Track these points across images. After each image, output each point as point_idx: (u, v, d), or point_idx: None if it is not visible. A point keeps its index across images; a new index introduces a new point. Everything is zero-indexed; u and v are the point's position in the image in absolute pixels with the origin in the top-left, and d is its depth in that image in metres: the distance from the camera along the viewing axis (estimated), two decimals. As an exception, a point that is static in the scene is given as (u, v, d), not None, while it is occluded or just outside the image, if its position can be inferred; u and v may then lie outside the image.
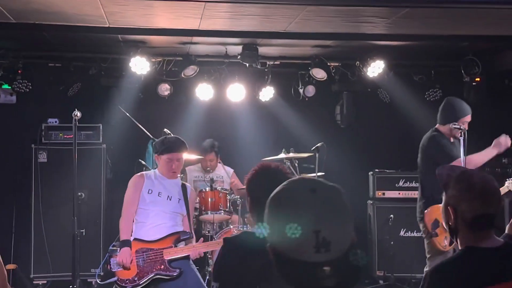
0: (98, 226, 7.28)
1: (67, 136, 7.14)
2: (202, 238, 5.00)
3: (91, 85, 7.60)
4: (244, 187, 7.58)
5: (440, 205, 2.58)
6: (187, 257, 4.77)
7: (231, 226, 6.89)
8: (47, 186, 7.18)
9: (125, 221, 4.87)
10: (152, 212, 4.85)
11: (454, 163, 5.57)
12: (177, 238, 4.81)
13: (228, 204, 7.10)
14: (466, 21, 6.06)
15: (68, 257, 5.62)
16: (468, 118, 5.65)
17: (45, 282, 7.13)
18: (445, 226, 2.56)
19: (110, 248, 4.85)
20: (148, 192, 4.88)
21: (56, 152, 7.22)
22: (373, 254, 7.58)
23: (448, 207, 2.46)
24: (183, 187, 5.07)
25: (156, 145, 5.10)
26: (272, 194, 1.55)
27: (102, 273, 6.63)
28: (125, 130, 7.48)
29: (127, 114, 7.14)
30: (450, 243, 5.36)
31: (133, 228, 4.90)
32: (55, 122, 7.35)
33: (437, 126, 5.89)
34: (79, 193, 7.02)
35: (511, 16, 5.79)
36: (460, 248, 2.48)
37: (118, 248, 4.75)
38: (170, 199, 4.93)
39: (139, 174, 5.10)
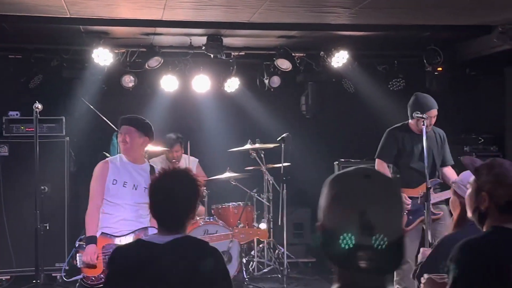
0: (62, 220, 7.18)
1: (29, 129, 7.02)
2: None
3: (53, 77, 7.48)
4: (207, 178, 7.55)
5: None
6: None
7: (197, 218, 6.88)
8: (9, 180, 7.05)
9: (91, 214, 4.74)
10: (117, 205, 4.75)
11: (377, 163, 5.80)
12: (144, 234, 4.73)
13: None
14: (427, 11, 6.13)
15: (32, 251, 5.53)
16: (432, 112, 5.66)
17: (8, 277, 7.03)
18: (470, 214, 2.68)
19: (77, 242, 4.74)
20: (112, 183, 4.74)
21: (17, 146, 7.09)
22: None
23: (482, 192, 2.58)
24: (152, 171, 4.89)
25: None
26: (331, 176, 1.61)
27: (67, 268, 6.51)
28: (89, 122, 7.40)
29: (91, 106, 7.05)
30: None
31: (100, 217, 4.81)
32: (16, 115, 7.22)
33: (408, 121, 5.91)
34: (42, 187, 6.92)
35: (471, 6, 5.88)
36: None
37: (85, 244, 4.66)
38: (135, 189, 4.78)
39: (103, 161, 4.93)
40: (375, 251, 1.47)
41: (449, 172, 5.72)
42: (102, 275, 4.59)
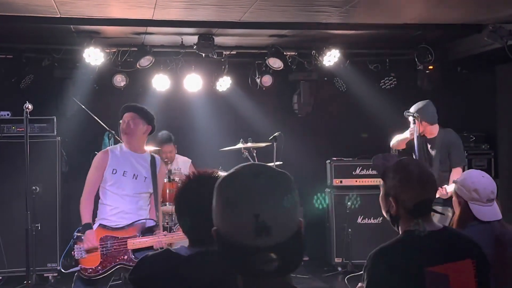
0: (54, 220, 7.16)
1: (20, 129, 6.96)
2: (165, 232, 4.91)
3: (44, 77, 7.47)
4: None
5: None
6: (151, 247, 4.69)
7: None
8: (0, 180, 7.02)
9: (85, 202, 4.68)
10: (116, 195, 4.69)
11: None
12: (142, 226, 4.71)
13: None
14: (418, 9, 6.15)
15: (23, 252, 5.52)
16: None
17: (0, 278, 7.00)
18: (385, 215, 2.63)
19: (75, 234, 4.71)
20: (112, 172, 4.69)
21: (9, 146, 7.05)
22: (331, 242, 7.66)
23: (390, 197, 2.54)
24: (152, 160, 4.83)
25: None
26: (220, 178, 1.55)
27: (65, 261, 6.43)
28: (80, 122, 7.36)
29: (82, 106, 7.02)
30: None
31: (99, 208, 4.76)
32: (7, 115, 7.18)
33: None
34: (34, 187, 6.91)
35: (462, 4, 5.91)
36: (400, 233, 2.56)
37: (83, 235, 4.64)
38: (136, 178, 4.72)
39: (103, 150, 4.87)
40: (274, 252, 1.43)
41: (454, 174, 5.72)
42: (99, 267, 4.59)
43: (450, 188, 5.24)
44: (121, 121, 4.86)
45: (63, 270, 4.73)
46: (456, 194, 3.32)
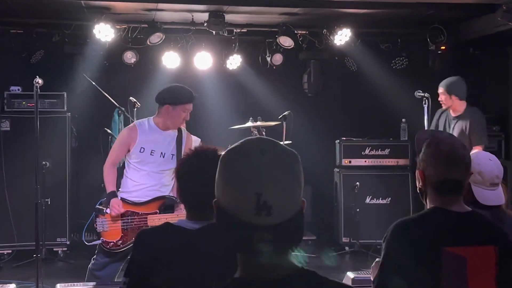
0: (64, 195, 7.21)
1: (30, 104, 7.01)
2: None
3: (54, 52, 7.46)
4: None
5: None
6: None
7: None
8: (10, 155, 7.07)
9: (108, 171, 4.74)
10: (142, 171, 4.73)
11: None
12: (162, 203, 4.72)
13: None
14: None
15: (33, 226, 5.56)
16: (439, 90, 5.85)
17: (10, 251, 7.07)
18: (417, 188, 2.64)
19: (97, 207, 4.73)
20: (140, 151, 4.70)
21: (19, 121, 7.10)
22: (339, 221, 7.67)
23: (417, 170, 2.55)
24: (179, 135, 4.81)
25: (173, 95, 4.79)
26: (225, 151, 1.53)
27: (87, 233, 6.45)
28: (90, 98, 7.37)
29: (92, 82, 7.03)
30: None
31: (123, 180, 4.80)
32: (18, 90, 7.21)
33: None
34: (44, 162, 6.95)
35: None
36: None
37: (105, 208, 4.67)
38: (163, 156, 4.73)
39: (130, 126, 4.87)
40: (274, 231, 1.41)
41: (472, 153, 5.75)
42: (120, 242, 4.64)
43: None
44: (179, 108, 4.75)
45: (86, 243, 4.79)
46: None
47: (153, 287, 2.36)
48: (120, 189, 4.81)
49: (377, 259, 2.75)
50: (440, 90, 5.99)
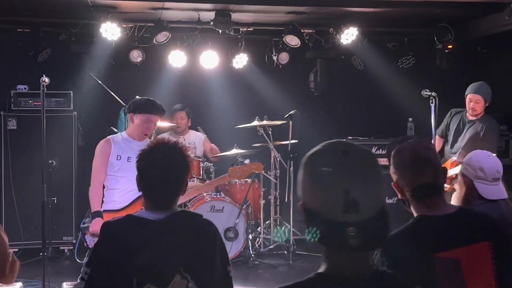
0: (70, 194, 7.22)
1: (37, 103, 7.02)
2: None
3: (61, 51, 7.47)
4: (218, 155, 7.52)
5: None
6: None
7: (204, 194, 6.90)
8: (17, 153, 7.08)
9: (94, 191, 4.78)
10: (122, 179, 4.76)
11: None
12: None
13: (201, 172, 7.11)
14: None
15: (39, 224, 5.57)
16: (468, 97, 6.02)
17: (16, 250, 7.07)
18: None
19: (82, 226, 4.77)
20: (117, 159, 4.78)
21: (26, 119, 7.11)
22: (346, 221, 7.65)
23: (392, 183, 2.51)
24: None
25: (135, 104, 4.87)
26: (307, 154, 1.59)
27: (79, 255, 6.49)
28: (97, 97, 7.38)
29: (99, 81, 7.04)
30: None
31: (105, 195, 4.84)
32: (25, 88, 7.22)
33: None
34: (50, 161, 6.96)
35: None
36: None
37: (89, 224, 4.69)
38: None
39: (105, 139, 4.93)
40: (361, 227, 1.47)
41: None
42: None
43: (453, 171, 5.26)
44: (139, 117, 4.81)
45: (79, 261, 4.77)
46: (462, 174, 3.32)
47: (116, 277, 2.39)
48: (103, 203, 4.80)
49: None
50: (477, 97, 6.00)
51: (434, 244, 2.33)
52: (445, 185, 6.00)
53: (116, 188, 4.77)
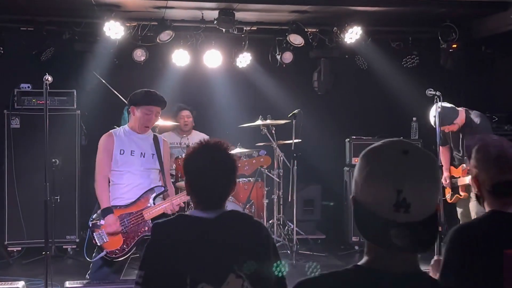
0: (73, 192, 7.22)
1: (40, 102, 7.02)
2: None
3: (64, 50, 7.47)
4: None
5: None
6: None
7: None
8: (20, 152, 7.08)
9: (101, 187, 4.75)
10: (127, 173, 4.75)
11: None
12: (152, 195, 4.72)
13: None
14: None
15: (42, 224, 5.55)
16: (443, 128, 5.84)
17: (19, 248, 7.09)
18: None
19: (90, 222, 4.74)
20: (120, 153, 4.76)
21: (29, 118, 7.11)
22: (349, 220, 7.63)
23: (471, 178, 2.56)
24: (155, 139, 4.91)
25: (135, 96, 4.87)
26: (367, 148, 1.58)
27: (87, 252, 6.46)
28: (100, 96, 7.39)
29: (102, 80, 7.03)
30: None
31: (111, 191, 4.80)
32: (28, 87, 7.21)
33: None
34: (54, 160, 6.96)
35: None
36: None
37: (98, 221, 4.67)
38: (143, 156, 4.80)
39: (107, 134, 4.92)
40: (410, 229, 1.46)
41: None
42: (124, 246, 4.62)
43: (468, 179, 5.23)
44: (140, 109, 4.83)
45: (88, 259, 4.77)
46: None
47: (171, 277, 2.37)
48: (110, 199, 4.78)
49: (435, 257, 2.76)
50: (448, 127, 5.84)
51: (505, 240, 2.35)
52: (460, 192, 5.98)
53: (121, 183, 4.76)
